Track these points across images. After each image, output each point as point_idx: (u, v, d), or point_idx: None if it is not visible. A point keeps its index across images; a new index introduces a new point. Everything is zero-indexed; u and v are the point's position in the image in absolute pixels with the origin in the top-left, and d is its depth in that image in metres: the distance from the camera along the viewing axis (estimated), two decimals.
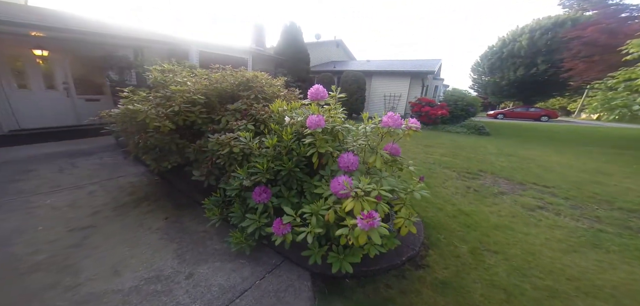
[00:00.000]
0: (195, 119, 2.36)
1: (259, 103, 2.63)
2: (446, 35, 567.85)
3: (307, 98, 1.96)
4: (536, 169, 5.46)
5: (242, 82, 2.71)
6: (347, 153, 1.81)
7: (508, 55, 22.79)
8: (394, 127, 1.80)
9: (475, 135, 10.19)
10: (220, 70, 2.62)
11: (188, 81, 2.51)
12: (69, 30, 4.95)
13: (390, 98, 12.90)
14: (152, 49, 6.05)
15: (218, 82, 2.56)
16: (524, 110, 21.59)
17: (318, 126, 1.76)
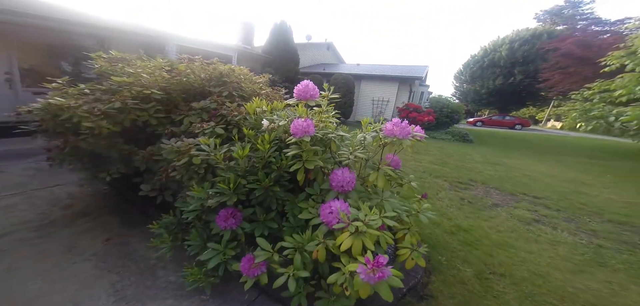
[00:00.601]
0: (148, 119, 1.87)
1: (233, 102, 2.18)
2: (446, 36, 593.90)
3: (293, 97, 1.56)
4: (523, 178, 5.46)
5: (215, 77, 2.25)
6: (342, 169, 1.44)
7: (489, 65, 23.93)
8: (401, 137, 1.46)
9: (460, 142, 10.33)
10: (186, 61, 2.13)
11: (143, 72, 2.00)
12: (8, 11, 4.16)
13: (378, 103, 12.83)
14: (121, 41, 5.32)
15: (182, 75, 2.08)
16: (500, 118, 22.72)
17: (306, 133, 1.36)
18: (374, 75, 12.79)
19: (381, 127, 1.60)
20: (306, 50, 15.02)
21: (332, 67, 15.45)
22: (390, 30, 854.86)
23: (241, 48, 10.59)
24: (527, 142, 12.57)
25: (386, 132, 1.53)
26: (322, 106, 1.72)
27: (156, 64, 2.15)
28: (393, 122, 1.56)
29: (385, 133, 1.54)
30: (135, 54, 2.46)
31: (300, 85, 1.54)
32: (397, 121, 1.55)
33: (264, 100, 1.89)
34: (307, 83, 1.52)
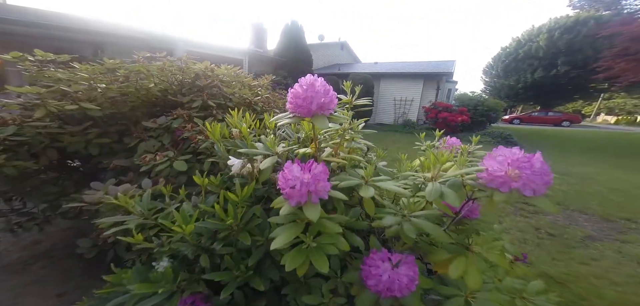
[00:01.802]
0: (86, 146, 1.22)
1: (211, 114, 1.45)
2: (446, 36, 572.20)
3: (288, 107, 0.78)
4: (610, 194, 4.13)
5: (188, 80, 1.56)
6: (386, 256, 0.64)
7: (524, 57, 21.35)
8: (531, 191, 0.62)
9: (503, 145, 8.85)
10: (140, 62, 1.44)
11: (79, 79, 1.36)
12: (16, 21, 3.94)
13: (401, 103, 11.67)
14: (121, 46, 4.99)
15: (133, 80, 1.40)
16: (543, 115, 20.07)
17: (309, 198, 0.58)
18: (395, 73, 11.67)
19: (475, 168, 0.75)
20: (319, 50, 14.32)
21: (348, 67, 14.57)
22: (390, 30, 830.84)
23: (252, 51, 10.17)
24: (587, 141, 10.56)
25: (492, 178, 0.69)
26: (343, 121, 0.91)
27: (109, 64, 1.49)
28: (505, 156, 0.72)
29: (488, 178, 0.70)
30: None
31: (301, 84, 0.75)
32: (516, 156, 0.70)
33: (248, 115, 1.13)
34: (313, 82, 0.73)
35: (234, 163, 0.87)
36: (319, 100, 0.72)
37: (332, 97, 0.76)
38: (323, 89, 0.74)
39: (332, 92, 0.77)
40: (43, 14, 4.66)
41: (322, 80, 0.77)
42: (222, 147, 0.99)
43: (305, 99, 0.72)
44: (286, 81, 9.98)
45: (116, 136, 1.49)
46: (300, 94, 0.73)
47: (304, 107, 0.73)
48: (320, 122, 0.73)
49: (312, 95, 0.72)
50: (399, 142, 8.25)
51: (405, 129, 10.67)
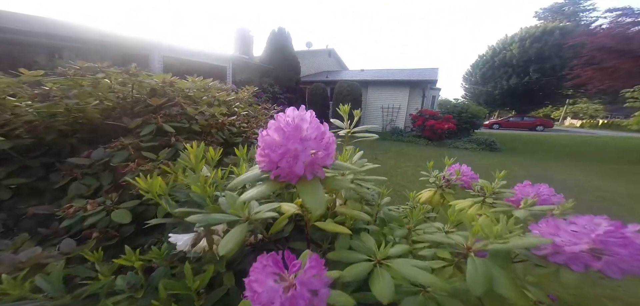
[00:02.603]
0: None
1: (170, 143, 1.13)
2: (446, 36, 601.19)
3: (258, 159, 0.48)
4: (604, 204, 4.18)
5: (138, 99, 1.23)
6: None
7: (500, 64, 22.64)
8: None
9: (488, 152, 9.07)
10: (72, 73, 1.09)
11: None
12: None
13: (389, 111, 11.72)
14: (85, 52, 4.45)
15: (58, 98, 1.05)
16: (518, 120, 21.25)
17: None
18: (382, 81, 11.75)
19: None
20: (307, 58, 14.20)
21: (335, 74, 14.53)
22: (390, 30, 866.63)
23: (237, 58, 9.78)
24: (563, 146, 11.13)
25: (561, 251, 0.45)
26: (344, 171, 0.64)
27: (28, 76, 1.13)
28: (584, 226, 0.48)
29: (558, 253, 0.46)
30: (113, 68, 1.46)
31: (279, 124, 0.47)
32: (603, 228, 0.46)
33: (211, 151, 0.84)
34: (299, 122, 0.45)
35: (177, 241, 0.57)
36: (306, 154, 0.45)
37: (329, 145, 0.49)
38: (316, 132, 0.47)
39: (329, 135, 0.50)
40: None
41: (313, 116, 0.50)
42: (166, 206, 0.69)
43: (286, 154, 0.44)
44: (273, 89, 9.68)
45: (42, 171, 1.12)
46: (277, 143, 0.45)
47: (284, 167, 0.45)
48: (312, 193, 0.46)
49: (298, 146, 0.44)
50: (388, 150, 8.17)
51: (394, 137, 10.69)
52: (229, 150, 1.58)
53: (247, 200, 0.47)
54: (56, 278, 0.66)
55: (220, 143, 1.42)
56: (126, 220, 0.90)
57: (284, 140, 0.44)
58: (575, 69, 10.77)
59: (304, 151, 0.44)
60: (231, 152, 1.57)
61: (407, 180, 5.02)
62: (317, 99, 11.37)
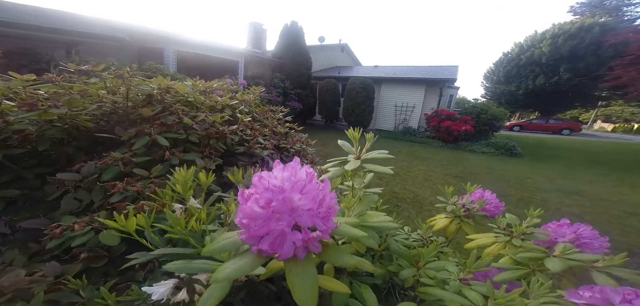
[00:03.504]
0: None
1: (165, 157, 1.07)
2: (466, 32, 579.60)
3: (239, 224, 0.37)
4: (629, 219, 3.79)
5: (135, 104, 1.15)
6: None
7: (526, 62, 21.16)
8: None
9: (507, 157, 8.54)
10: (61, 78, 1.00)
11: None
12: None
13: (402, 109, 11.31)
14: (101, 47, 4.54)
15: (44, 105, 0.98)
16: (543, 122, 19.92)
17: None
18: (396, 78, 11.32)
19: None
20: (319, 52, 13.95)
21: (348, 70, 14.20)
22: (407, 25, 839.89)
23: (249, 52, 9.75)
24: (592, 153, 10.27)
25: None
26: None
27: (18, 82, 1.08)
28: None
29: None
30: (128, 63, 1.45)
31: (263, 186, 0.35)
32: None
33: (202, 176, 0.74)
34: (291, 187, 0.34)
35: (154, 292, 0.49)
36: (297, 237, 0.34)
37: (329, 212, 0.38)
38: (312, 201, 0.35)
39: (330, 198, 0.39)
40: (9, 7, 4.20)
41: (311, 175, 0.38)
42: (146, 243, 0.60)
43: (270, 234, 0.33)
44: (283, 84, 9.59)
45: (38, 182, 1.09)
46: (259, 215, 0.34)
47: (270, 241, 0.34)
48: (301, 281, 0.34)
49: (285, 227, 0.33)
50: (400, 151, 7.89)
51: (406, 137, 10.32)
52: (231, 160, 1.50)
53: (224, 279, 0.37)
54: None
55: (220, 154, 1.34)
56: (114, 242, 0.84)
57: (266, 217, 0.33)
58: (616, 69, 9.80)
59: (293, 234, 0.33)
60: (233, 161, 1.49)
61: (418, 185, 4.80)
62: (327, 95, 11.17)
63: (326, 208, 0.38)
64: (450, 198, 1.32)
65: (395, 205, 3.85)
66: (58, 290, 0.72)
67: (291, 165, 0.39)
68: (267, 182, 0.35)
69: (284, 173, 0.36)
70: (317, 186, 0.38)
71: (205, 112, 1.33)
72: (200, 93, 1.49)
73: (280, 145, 1.79)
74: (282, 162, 0.42)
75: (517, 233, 0.98)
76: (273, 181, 0.35)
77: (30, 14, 4.17)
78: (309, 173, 0.38)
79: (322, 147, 7.21)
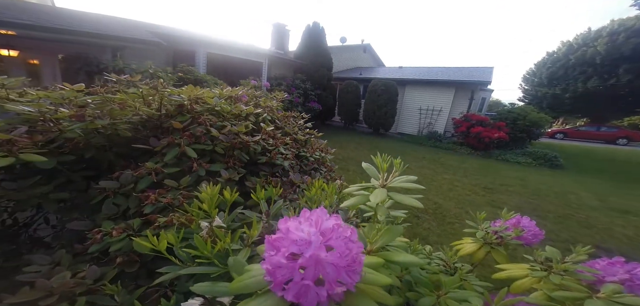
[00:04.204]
0: (36, 204, 0.98)
1: (193, 167, 1.12)
2: (500, 31, 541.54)
3: (265, 269, 0.36)
4: None
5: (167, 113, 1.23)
6: None
7: (576, 63, 18.86)
8: None
9: (546, 168, 7.69)
10: (104, 90, 1.10)
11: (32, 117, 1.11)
12: (58, 29, 4.03)
13: (427, 113, 10.77)
14: (139, 50, 4.98)
15: (90, 116, 1.09)
16: (593, 130, 17.62)
17: None
18: (422, 80, 10.80)
19: None
20: (340, 53, 13.83)
21: (370, 71, 13.89)
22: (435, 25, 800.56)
23: (273, 53, 10.01)
24: None
25: None
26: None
27: (69, 92, 1.21)
28: None
29: None
30: (163, 65, 1.62)
31: (288, 238, 0.33)
32: None
33: (227, 193, 0.76)
34: (314, 256, 0.32)
35: None
36: (322, 294, 0.32)
37: (356, 263, 0.35)
38: (339, 256, 0.33)
39: (357, 248, 0.36)
40: (65, 15, 4.78)
41: (338, 227, 0.36)
42: (175, 260, 0.63)
43: (294, 287, 0.32)
44: (304, 85, 9.68)
45: (84, 185, 1.21)
46: (284, 266, 0.33)
47: (294, 291, 0.33)
48: None
49: (310, 284, 0.31)
50: (423, 157, 7.50)
51: (430, 142, 9.81)
52: (253, 169, 1.54)
53: None
54: None
55: (244, 164, 1.37)
56: (145, 250, 0.89)
57: (291, 268, 0.31)
58: None
59: (317, 288, 0.31)
60: (255, 170, 1.52)
61: (441, 196, 4.52)
62: (347, 97, 11.04)
63: (352, 260, 0.36)
64: (481, 223, 1.21)
65: (416, 215, 3.67)
66: (96, 292, 0.79)
67: (318, 213, 0.37)
68: (295, 235, 0.33)
69: (310, 229, 0.34)
70: (344, 240, 0.36)
71: (231, 122, 1.38)
72: (225, 100, 1.55)
73: (300, 153, 1.79)
74: (301, 172, 0.39)
75: (557, 269, 0.86)
76: (300, 234, 0.33)
77: (85, 21, 4.75)
78: (335, 226, 0.36)
79: (341, 149, 7.13)
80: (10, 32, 3.84)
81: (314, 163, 1.80)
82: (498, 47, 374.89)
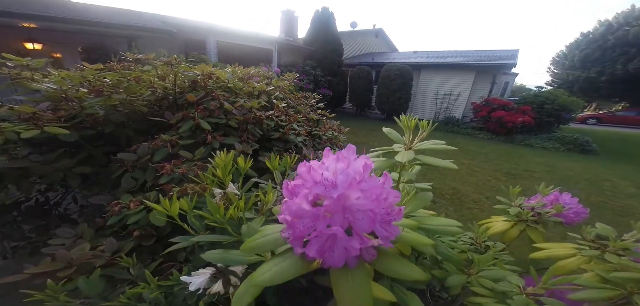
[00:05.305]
0: (61, 178, 1.01)
1: (207, 140, 1.11)
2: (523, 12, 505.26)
3: (282, 220, 0.32)
4: None
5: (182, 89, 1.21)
6: None
7: (616, 44, 17.03)
8: None
9: (577, 154, 7.13)
10: (121, 66, 1.11)
11: (53, 95, 1.14)
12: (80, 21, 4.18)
13: (444, 98, 10.26)
14: (152, 39, 5.07)
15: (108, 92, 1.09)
16: (633, 115, 16.03)
17: None
18: (439, 64, 10.23)
19: None
20: (351, 38, 13.36)
21: (382, 56, 13.36)
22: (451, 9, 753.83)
23: (282, 40, 9.85)
24: None
25: None
26: None
27: (88, 72, 1.23)
28: None
29: None
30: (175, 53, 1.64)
31: (312, 178, 0.28)
32: None
33: (241, 161, 0.73)
34: (343, 195, 0.26)
35: (192, 282, 0.48)
36: (352, 243, 0.27)
37: (391, 215, 0.29)
38: (372, 199, 0.28)
39: (393, 197, 0.30)
40: (79, 9, 4.93)
41: (368, 165, 0.30)
42: (188, 228, 0.61)
43: (319, 237, 0.27)
44: (315, 71, 9.50)
45: (105, 160, 1.24)
46: (307, 214, 0.28)
47: (318, 245, 0.28)
48: (356, 292, 0.28)
49: (338, 230, 0.26)
50: None
51: (447, 127, 9.39)
52: (267, 145, 1.51)
53: (263, 284, 0.32)
54: (93, 284, 0.67)
55: (257, 139, 1.34)
56: (161, 223, 0.89)
57: (315, 216, 0.26)
58: None
59: (348, 240, 0.26)
60: (268, 146, 1.50)
61: (459, 181, 4.33)
62: (359, 82, 10.72)
63: (387, 210, 0.30)
64: (515, 199, 1.10)
65: (433, 201, 3.54)
66: (113, 265, 0.80)
67: (344, 153, 0.31)
68: (318, 174, 0.28)
69: (337, 165, 0.28)
70: (378, 182, 0.30)
71: (244, 98, 1.34)
72: (238, 79, 1.51)
73: (313, 132, 1.74)
74: (314, 150, 0.35)
75: (613, 247, 0.76)
76: (325, 173, 0.28)
77: (100, 13, 4.89)
78: (367, 166, 0.30)
79: (353, 135, 7.00)
80: (32, 25, 4.02)
81: (327, 142, 1.74)
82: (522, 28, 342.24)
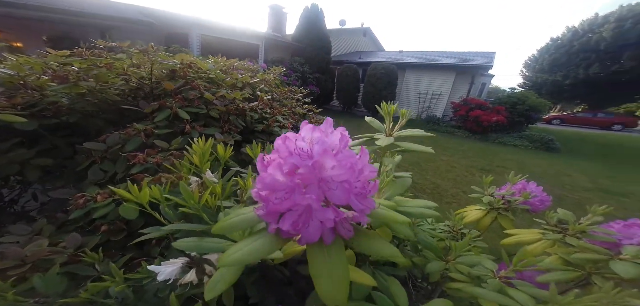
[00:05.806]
0: (17, 171, 0.91)
1: (185, 130, 1.05)
2: (502, 18, 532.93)
3: (256, 197, 0.31)
4: None
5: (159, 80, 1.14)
6: None
7: (580, 49, 18.62)
8: None
9: (542, 152, 7.74)
10: (90, 53, 1.03)
11: (6, 80, 1.02)
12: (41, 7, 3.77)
13: (426, 97, 10.65)
14: (129, 30, 4.74)
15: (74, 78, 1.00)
16: (590, 116, 17.69)
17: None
18: (423, 64, 10.59)
19: None
20: (339, 36, 13.43)
21: (370, 55, 13.57)
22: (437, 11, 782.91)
23: (269, 36, 9.66)
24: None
25: None
26: None
27: (54, 57, 1.12)
28: None
29: None
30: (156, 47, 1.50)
31: (287, 150, 0.27)
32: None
33: (220, 148, 0.70)
34: (317, 163, 0.26)
35: (160, 271, 0.46)
36: (327, 214, 0.27)
37: (366, 189, 0.30)
38: (348, 169, 0.28)
39: (369, 171, 0.31)
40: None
41: (344, 137, 0.30)
42: (159, 217, 0.58)
43: (294, 209, 0.26)
44: (302, 68, 9.43)
45: (70, 151, 1.14)
46: (281, 186, 0.27)
47: (292, 219, 0.27)
48: (328, 272, 0.28)
49: (313, 201, 0.26)
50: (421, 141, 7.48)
51: (428, 125, 9.77)
52: (250, 137, 1.47)
53: (234, 263, 0.31)
54: (50, 281, 0.61)
55: (240, 131, 1.31)
56: (133, 216, 0.84)
57: (290, 188, 0.26)
58: None
59: (322, 211, 0.25)
60: (252, 138, 1.46)
61: (439, 176, 4.53)
62: (346, 81, 10.82)
63: (363, 183, 0.30)
64: (487, 188, 1.17)
65: (414, 196, 3.67)
66: (78, 262, 0.74)
67: (322, 126, 0.31)
68: (293, 144, 0.27)
69: (313, 134, 0.28)
70: (354, 157, 0.30)
71: (226, 89, 1.30)
72: (221, 70, 1.46)
73: (298, 125, 1.72)
74: None
75: (573, 231, 0.83)
76: (300, 143, 0.28)
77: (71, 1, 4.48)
78: (343, 137, 0.30)
79: None
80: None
81: None
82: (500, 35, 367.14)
